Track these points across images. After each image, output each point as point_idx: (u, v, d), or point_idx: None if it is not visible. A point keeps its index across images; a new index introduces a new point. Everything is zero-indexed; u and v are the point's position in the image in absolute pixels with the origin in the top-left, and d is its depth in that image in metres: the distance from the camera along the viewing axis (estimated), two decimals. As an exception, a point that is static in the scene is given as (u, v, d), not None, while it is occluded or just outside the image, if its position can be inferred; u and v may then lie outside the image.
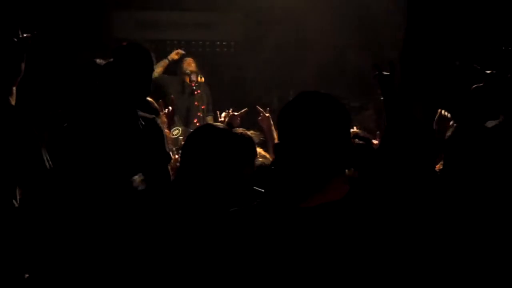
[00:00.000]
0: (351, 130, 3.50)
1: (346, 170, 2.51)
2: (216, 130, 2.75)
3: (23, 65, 3.86)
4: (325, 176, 1.96)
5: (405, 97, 2.18)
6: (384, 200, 1.96)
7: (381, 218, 1.94)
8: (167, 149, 3.66)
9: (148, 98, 3.89)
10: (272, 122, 5.56)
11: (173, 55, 9.04)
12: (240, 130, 3.48)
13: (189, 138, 2.77)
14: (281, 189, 2.03)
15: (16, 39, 3.87)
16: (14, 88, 3.77)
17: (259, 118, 5.63)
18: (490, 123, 3.58)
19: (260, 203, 2.76)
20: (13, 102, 3.45)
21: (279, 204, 2.01)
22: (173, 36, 10.16)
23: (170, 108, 5.57)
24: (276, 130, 5.36)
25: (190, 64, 9.19)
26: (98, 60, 4.09)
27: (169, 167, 3.62)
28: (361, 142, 3.60)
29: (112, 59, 3.67)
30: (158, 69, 9.03)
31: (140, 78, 3.51)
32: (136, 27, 10.00)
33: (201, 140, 2.71)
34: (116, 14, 9.98)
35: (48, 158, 3.28)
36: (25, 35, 4.14)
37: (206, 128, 2.85)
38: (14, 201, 3.22)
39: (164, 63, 9.03)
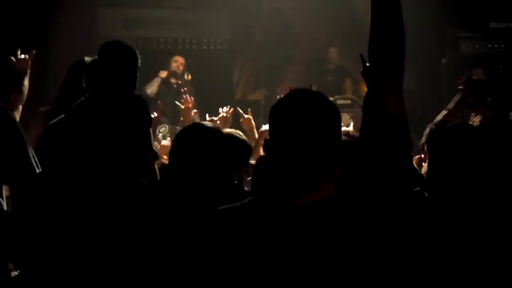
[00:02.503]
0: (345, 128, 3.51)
1: None
2: (205, 129, 2.75)
3: (26, 81, 3.86)
4: (315, 174, 1.96)
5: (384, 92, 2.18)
6: (368, 198, 1.97)
7: (366, 215, 1.94)
8: (154, 147, 3.66)
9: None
10: (253, 124, 5.58)
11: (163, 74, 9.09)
12: (229, 130, 3.47)
13: (178, 137, 2.77)
14: (270, 187, 2.03)
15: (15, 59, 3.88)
16: (20, 106, 3.77)
17: (241, 120, 5.65)
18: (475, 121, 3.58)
19: (250, 201, 2.77)
20: (18, 117, 3.45)
21: (268, 202, 2.01)
22: (160, 34, 10.14)
23: (156, 114, 5.58)
24: (257, 131, 5.38)
25: (178, 66, 9.19)
26: (86, 58, 4.07)
27: (156, 165, 3.61)
28: (348, 139, 3.61)
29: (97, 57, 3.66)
30: (154, 89, 9.03)
31: (124, 75, 3.50)
32: (122, 25, 9.97)
33: (190, 139, 2.71)
34: (102, 11, 9.94)
35: (35, 155, 3.27)
36: (23, 56, 4.16)
37: (195, 127, 2.85)
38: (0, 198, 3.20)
39: (157, 81, 9.06)
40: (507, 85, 3.77)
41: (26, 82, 4.14)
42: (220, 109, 5.85)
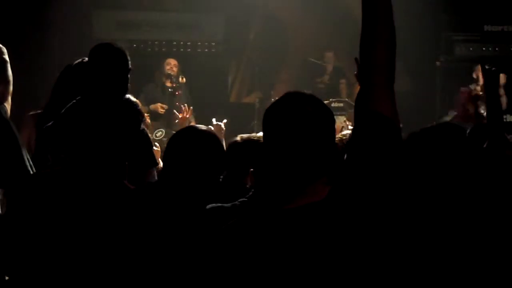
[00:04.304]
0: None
1: None
2: (198, 132, 2.74)
3: (9, 70, 3.83)
4: (309, 177, 1.96)
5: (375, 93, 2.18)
6: (362, 200, 1.96)
7: (360, 218, 1.94)
8: (153, 154, 3.66)
9: (133, 99, 3.86)
10: (223, 132, 5.57)
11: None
12: (245, 136, 3.44)
13: (172, 140, 2.75)
14: (264, 190, 2.02)
15: None
16: (9, 97, 3.75)
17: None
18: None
19: (242, 203, 2.77)
20: (8, 110, 3.44)
21: (261, 205, 2.01)
22: (155, 37, 10.14)
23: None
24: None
25: (172, 68, 9.17)
26: (77, 61, 4.06)
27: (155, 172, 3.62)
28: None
29: (87, 59, 3.66)
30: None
31: (114, 77, 3.49)
32: (117, 27, 9.96)
33: (184, 142, 2.69)
34: (97, 14, 9.93)
35: (29, 157, 3.27)
36: None
37: (189, 130, 2.84)
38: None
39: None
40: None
41: (9, 71, 4.09)
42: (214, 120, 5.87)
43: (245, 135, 3.66)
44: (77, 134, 2.78)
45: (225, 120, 5.71)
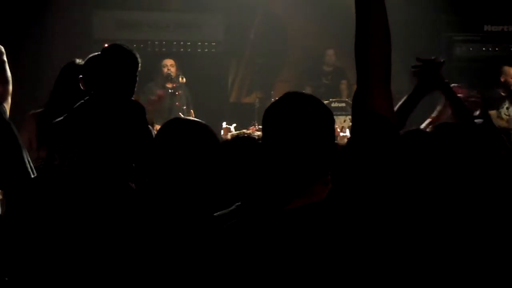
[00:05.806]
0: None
1: None
2: (187, 123, 2.61)
3: (8, 70, 3.82)
4: (308, 178, 1.96)
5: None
6: (362, 200, 1.96)
7: (359, 219, 1.94)
8: None
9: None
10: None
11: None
12: (235, 133, 3.39)
13: (159, 132, 2.59)
14: (264, 191, 2.02)
15: None
16: (9, 97, 3.74)
17: None
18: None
19: (242, 205, 2.76)
20: (8, 110, 3.42)
21: (261, 207, 2.01)
22: (154, 37, 10.12)
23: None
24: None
25: (170, 69, 9.16)
26: (77, 61, 4.05)
27: None
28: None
29: (92, 58, 3.64)
30: None
31: (126, 80, 3.48)
32: (116, 27, 9.95)
33: (172, 133, 2.53)
34: (96, 13, 9.92)
35: (30, 159, 3.26)
36: None
37: (175, 121, 2.68)
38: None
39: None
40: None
41: (8, 71, 4.08)
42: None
43: (235, 132, 3.61)
44: (88, 134, 2.75)
45: (234, 124, 5.74)
